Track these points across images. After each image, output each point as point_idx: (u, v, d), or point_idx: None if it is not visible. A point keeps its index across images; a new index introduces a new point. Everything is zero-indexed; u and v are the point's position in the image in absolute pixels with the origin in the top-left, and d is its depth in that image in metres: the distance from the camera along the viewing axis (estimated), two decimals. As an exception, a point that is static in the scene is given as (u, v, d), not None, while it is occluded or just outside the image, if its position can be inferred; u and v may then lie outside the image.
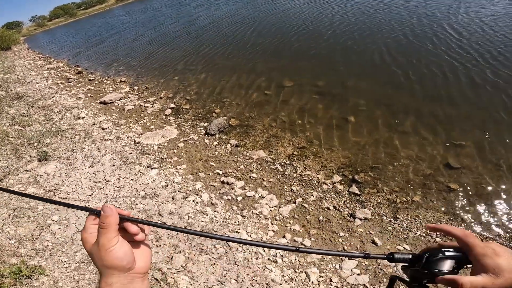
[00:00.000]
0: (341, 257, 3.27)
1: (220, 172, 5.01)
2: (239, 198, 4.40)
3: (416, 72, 6.62)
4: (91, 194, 4.75)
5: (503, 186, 3.80)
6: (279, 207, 4.12)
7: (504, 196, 3.69)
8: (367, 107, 5.87)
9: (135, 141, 6.26)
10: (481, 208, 3.62)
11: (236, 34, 12.95)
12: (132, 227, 0.64)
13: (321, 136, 5.38)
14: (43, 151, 5.80)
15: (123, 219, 0.64)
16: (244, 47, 10.89)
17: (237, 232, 3.72)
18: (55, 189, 4.83)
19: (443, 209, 3.68)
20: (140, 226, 0.67)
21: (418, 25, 9.01)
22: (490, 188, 3.81)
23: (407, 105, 5.65)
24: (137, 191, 4.74)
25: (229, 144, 5.71)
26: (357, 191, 4.11)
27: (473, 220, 3.51)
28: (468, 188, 3.87)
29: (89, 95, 9.58)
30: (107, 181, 5.05)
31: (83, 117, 7.59)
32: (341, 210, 3.88)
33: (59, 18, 61.99)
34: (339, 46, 8.97)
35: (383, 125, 5.29)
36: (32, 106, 8.57)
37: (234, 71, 8.89)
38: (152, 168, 5.35)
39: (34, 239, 3.61)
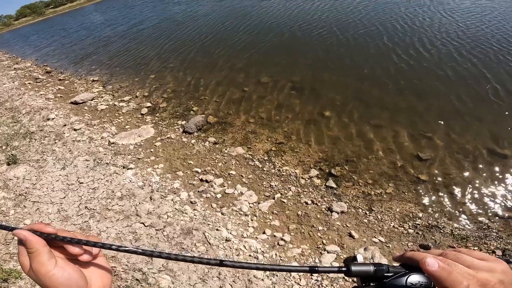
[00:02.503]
0: (320, 252, 3.35)
1: (199, 170, 4.98)
2: (219, 196, 4.39)
3: (389, 67, 6.88)
4: (64, 197, 4.60)
5: (470, 176, 4.02)
6: (259, 203, 4.16)
7: (471, 185, 3.90)
8: (341, 102, 6.02)
9: (109, 141, 6.09)
10: (449, 197, 3.81)
11: (213, 31, 12.88)
12: (72, 249, 0.56)
13: (298, 131, 5.46)
14: (12, 155, 5.55)
15: (51, 239, 0.55)
16: (222, 44, 10.85)
17: (217, 229, 3.72)
18: (25, 193, 4.64)
19: (414, 200, 3.84)
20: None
21: (390, 23, 9.36)
22: (457, 178, 4.02)
23: (380, 99, 5.86)
24: (113, 192, 4.62)
25: (208, 142, 5.67)
26: (333, 185, 4.22)
27: (441, 210, 3.69)
28: (437, 178, 4.06)
29: (59, 95, 9.17)
30: (80, 183, 4.90)
31: (53, 118, 7.28)
32: (319, 204, 3.96)
33: (26, 17, 58.81)
34: (315, 42, 9.14)
35: (357, 119, 5.44)
36: (-2, 108, 8.17)
37: (212, 68, 8.82)
38: (128, 169, 5.23)
39: (7, 243, 3.49)
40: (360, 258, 0.53)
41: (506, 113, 4.91)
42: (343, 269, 0.50)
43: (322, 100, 6.21)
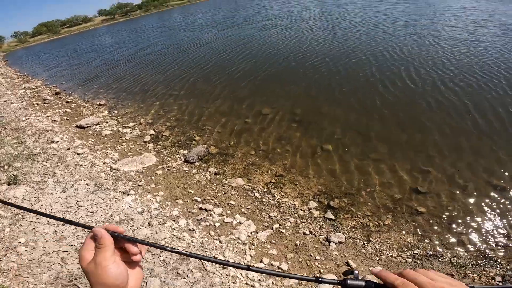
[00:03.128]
0: (315, 281, 3.31)
1: (199, 199, 5.01)
2: (217, 224, 4.40)
3: (388, 101, 7.19)
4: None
5: (468, 208, 4.11)
6: (257, 233, 4.16)
7: (469, 216, 3.99)
8: (342, 135, 6.19)
9: (111, 167, 6.16)
10: (447, 228, 3.87)
11: (215, 59, 13.36)
12: (132, 248, 0.66)
13: (298, 164, 5.56)
14: (13, 175, 5.59)
15: (120, 238, 0.66)
16: (226, 73, 11.19)
17: (214, 257, 3.70)
18: (23, 213, 4.63)
19: (412, 231, 3.88)
20: (139, 248, 0.69)
21: (390, 56, 9.93)
22: (456, 209, 4.11)
23: (379, 133, 6.05)
24: (111, 216, 4.62)
25: (208, 172, 5.74)
26: (332, 216, 4.26)
27: (440, 240, 3.73)
28: (435, 211, 4.14)
29: (65, 118, 9.32)
30: (79, 206, 4.90)
31: (57, 141, 7.39)
32: (317, 234, 3.98)
33: (41, 35, 60.15)
34: (317, 74, 9.52)
35: (356, 153, 5.58)
36: (5, 128, 8.28)
37: (215, 98, 9.06)
38: (128, 195, 5.25)
39: (-1, 259, 3.44)
40: (356, 273, 0.65)
41: (503, 145, 5.13)
42: (342, 282, 0.62)
43: (322, 133, 6.37)
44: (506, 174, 4.55)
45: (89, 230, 0.67)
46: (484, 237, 3.69)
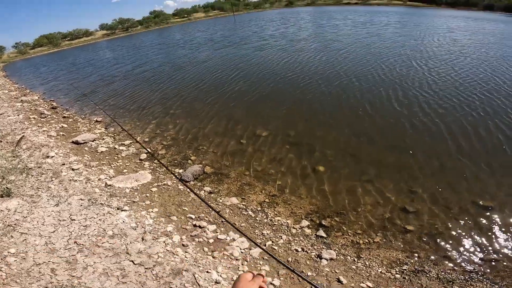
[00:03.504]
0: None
1: (193, 216, 5.06)
2: (211, 241, 4.44)
3: (377, 123, 7.52)
4: (54, 231, 4.58)
5: (454, 226, 4.29)
6: (250, 249, 4.21)
7: (454, 235, 4.15)
8: (334, 157, 6.39)
9: (106, 183, 6.19)
10: (435, 245, 4.02)
11: (215, 79, 13.62)
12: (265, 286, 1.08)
13: (291, 184, 5.69)
14: (7, 188, 5.59)
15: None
16: (222, 93, 11.45)
17: (207, 272, 3.73)
18: (15, 224, 4.61)
19: (401, 248, 4.01)
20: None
21: (377, 78, 10.46)
22: (442, 228, 4.27)
23: (370, 155, 6.29)
24: (105, 230, 4.63)
25: (203, 191, 5.82)
26: (323, 234, 4.37)
27: (427, 256, 3.86)
28: (423, 229, 4.30)
29: (61, 133, 9.31)
30: (72, 220, 4.90)
31: (52, 156, 7.40)
32: (309, 251, 4.07)
33: (42, 47, 59.40)
34: (311, 97, 9.85)
35: (348, 174, 5.77)
36: (0, 141, 8.27)
37: (211, 118, 9.22)
38: (122, 210, 5.27)
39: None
40: None
41: (483, 166, 5.45)
42: None
43: (314, 155, 6.56)
44: (488, 193, 4.82)
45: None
46: (470, 253, 3.85)
